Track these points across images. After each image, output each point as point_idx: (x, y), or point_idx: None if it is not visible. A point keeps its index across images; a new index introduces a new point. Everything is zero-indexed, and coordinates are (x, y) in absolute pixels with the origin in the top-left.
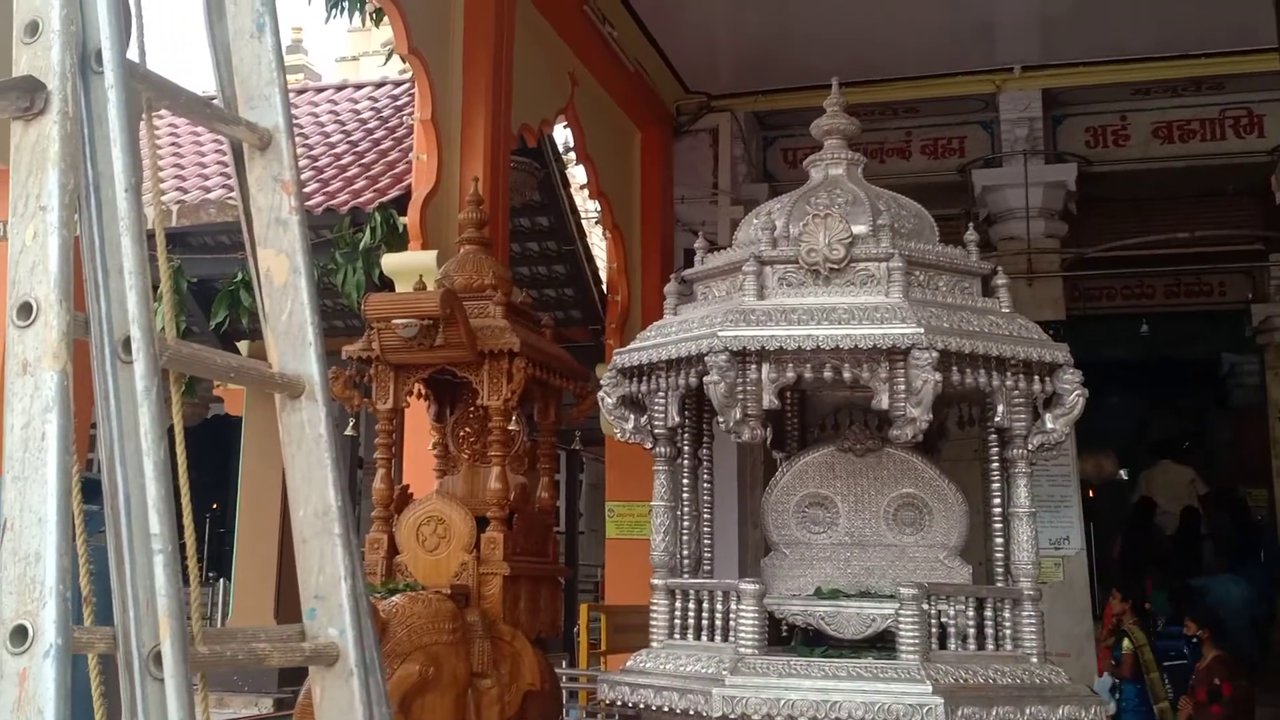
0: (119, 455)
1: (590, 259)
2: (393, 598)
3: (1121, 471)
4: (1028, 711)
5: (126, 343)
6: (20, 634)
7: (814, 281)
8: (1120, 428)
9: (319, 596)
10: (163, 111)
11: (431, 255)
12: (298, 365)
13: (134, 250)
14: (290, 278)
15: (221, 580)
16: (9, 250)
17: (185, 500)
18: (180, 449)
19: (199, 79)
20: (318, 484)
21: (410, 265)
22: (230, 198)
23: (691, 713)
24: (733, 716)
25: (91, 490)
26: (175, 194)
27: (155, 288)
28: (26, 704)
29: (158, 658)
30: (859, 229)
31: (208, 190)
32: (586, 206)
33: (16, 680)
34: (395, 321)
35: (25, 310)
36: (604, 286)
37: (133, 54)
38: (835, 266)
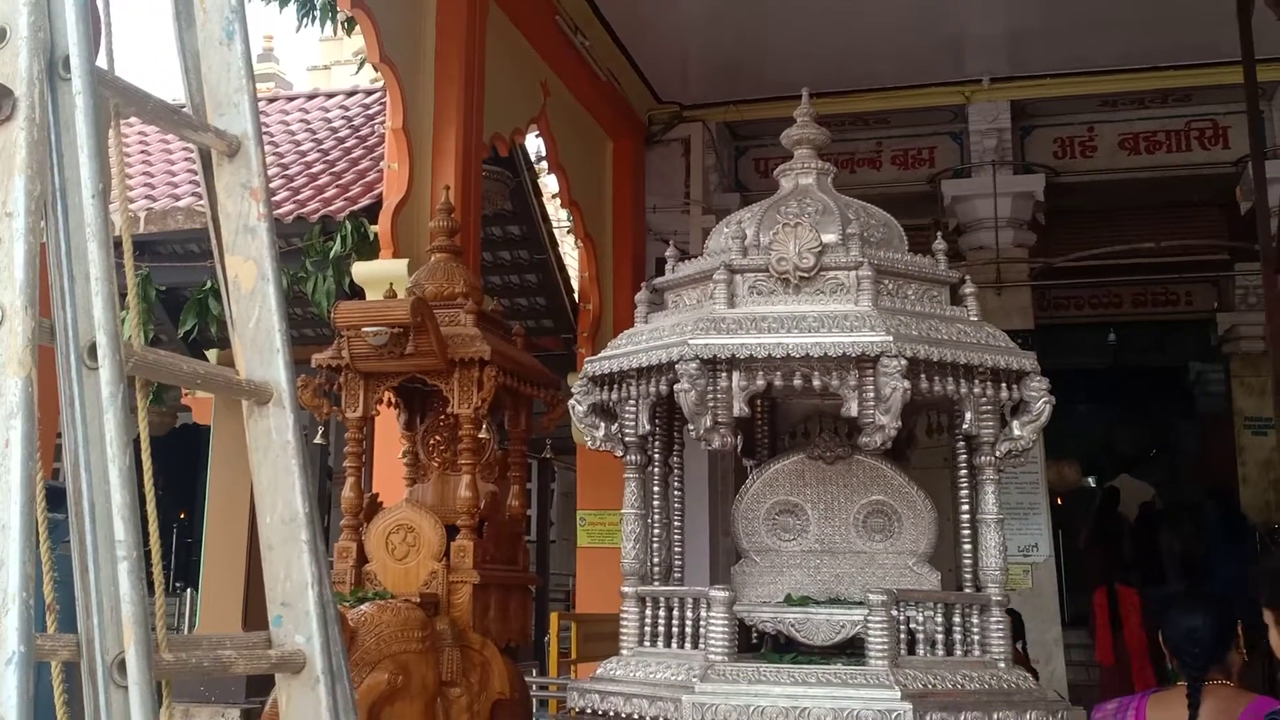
0: (84, 462)
1: (562, 268)
2: (361, 606)
3: (1089, 479)
4: (995, 716)
5: (92, 349)
6: None
7: (784, 290)
8: (1088, 436)
9: (285, 603)
10: (132, 119)
11: (402, 264)
12: (265, 372)
13: (100, 256)
14: (258, 284)
15: (189, 590)
16: None
17: (151, 508)
18: (146, 457)
19: (167, 87)
20: (284, 490)
21: (381, 274)
22: (199, 204)
23: None
24: None
25: (56, 499)
26: (144, 201)
27: (123, 296)
28: None
29: (121, 665)
30: (829, 238)
31: (177, 198)
32: (558, 215)
33: None
34: (365, 329)
35: None
36: (576, 295)
37: (101, 61)
38: (805, 275)
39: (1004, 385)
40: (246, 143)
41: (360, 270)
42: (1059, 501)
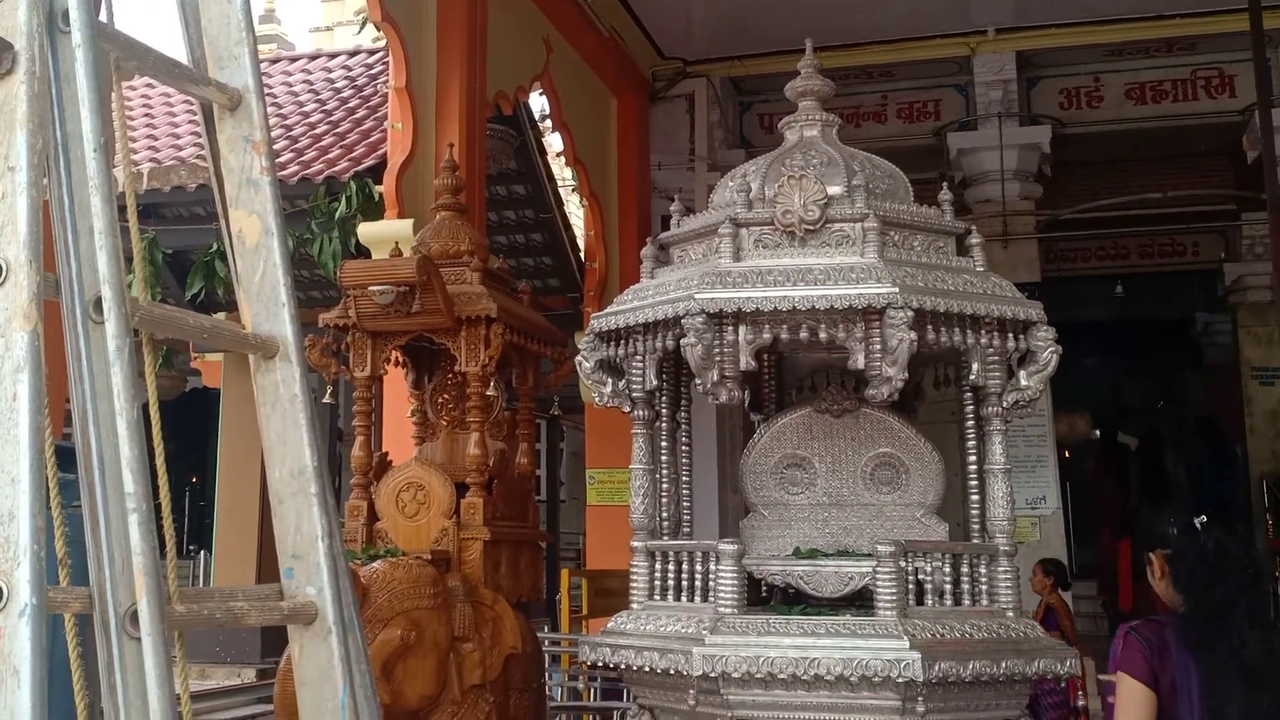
0: (92, 415)
1: (568, 227)
2: (373, 564)
3: (1096, 432)
4: (1003, 665)
5: (98, 303)
6: None
7: (790, 243)
8: (1095, 389)
9: (296, 556)
10: (135, 76)
11: (408, 224)
12: (271, 326)
13: (104, 210)
14: (262, 239)
15: (203, 553)
16: None
17: (160, 463)
18: (155, 415)
19: (168, 43)
20: (293, 444)
21: (386, 234)
22: (201, 158)
23: (672, 672)
24: (713, 674)
25: (67, 459)
26: (148, 154)
27: (129, 259)
28: (2, 664)
29: (134, 617)
30: (834, 190)
31: (179, 149)
32: (563, 174)
33: None
34: (371, 288)
35: None
36: (582, 254)
37: (101, 16)
38: (810, 227)
39: (1010, 335)
40: (248, 96)
41: (365, 231)
42: (1067, 455)
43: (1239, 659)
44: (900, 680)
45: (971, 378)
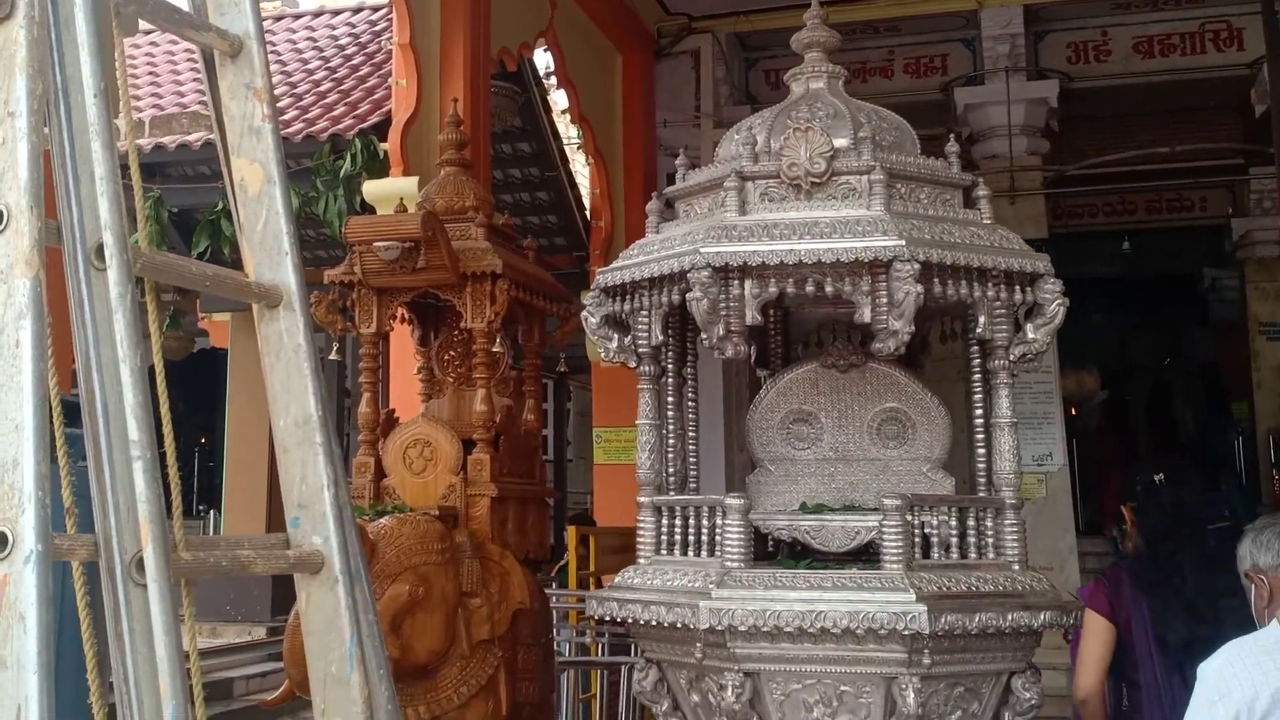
0: (95, 363)
1: (573, 185)
2: (381, 519)
3: (1104, 392)
4: (1009, 617)
5: (100, 249)
6: (0, 541)
7: (795, 196)
8: (1103, 345)
9: (302, 505)
10: (136, 26)
11: (412, 181)
12: (274, 275)
13: (104, 156)
14: (265, 187)
15: (212, 512)
16: None
17: (165, 413)
18: (159, 365)
19: None
20: (297, 393)
21: (391, 192)
22: (204, 104)
23: (679, 625)
24: (720, 628)
25: (74, 414)
26: (150, 99)
27: (133, 216)
28: (8, 610)
29: (139, 563)
30: (840, 142)
31: (182, 97)
32: (568, 132)
33: None
34: (376, 244)
35: None
36: (587, 213)
37: None
38: (816, 180)
39: (1017, 288)
40: (249, 42)
41: (370, 189)
42: (1073, 412)
43: (1183, 597)
44: (906, 632)
45: (978, 331)
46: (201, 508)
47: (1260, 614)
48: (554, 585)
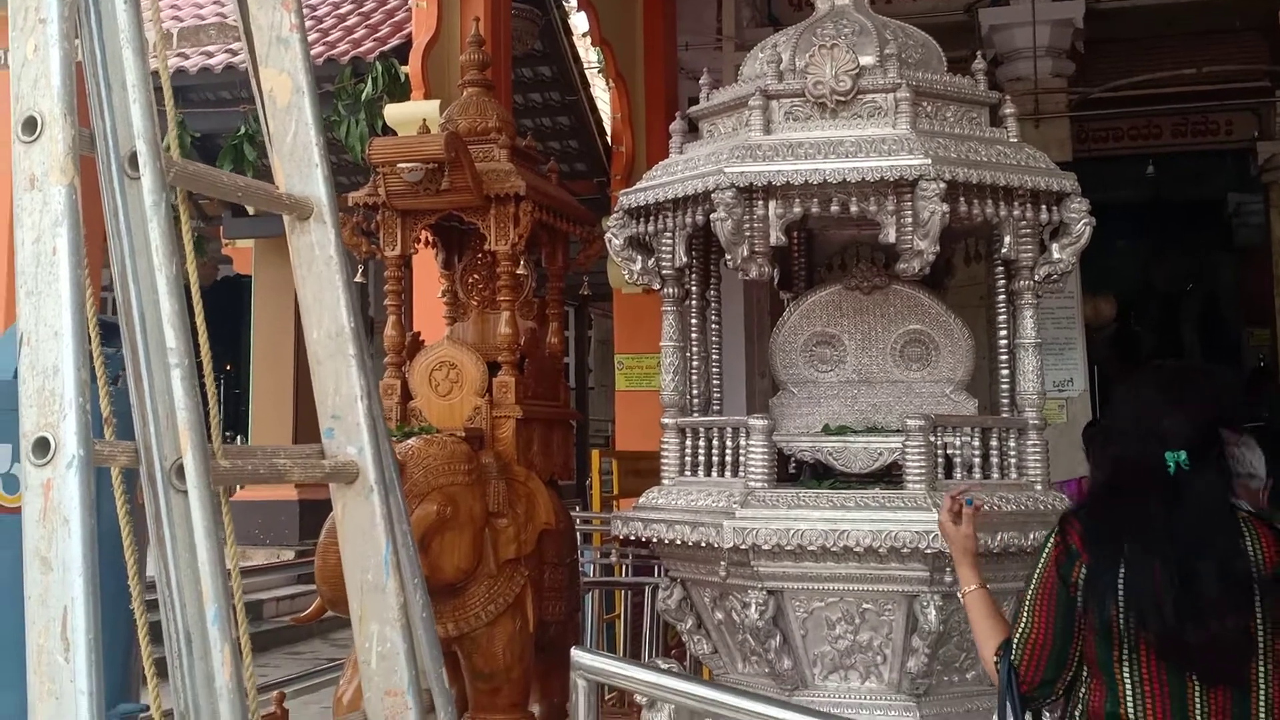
0: (131, 272)
1: (594, 109)
2: (408, 440)
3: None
4: (1031, 536)
5: (133, 158)
6: (42, 446)
7: (821, 115)
8: (1125, 271)
9: (336, 416)
10: None
11: (434, 105)
12: (304, 186)
13: (136, 63)
14: (293, 98)
15: (238, 438)
16: (10, 65)
17: (200, 324)
18: (193, 278)
19: None
20: (329, 305)
21: (413, 115)
22: (221, 14)
23: (703, 544)
24: (743, 547)
25: (111, 333)
26: (170, 13)
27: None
28: (52, 513)
29: (180, 470)
30: (866, 60)
31: (200, 7)
32: (589, 56)
33: (41, 491)
34: (400, 165)
35: (30, 125)
36: (608, 138)
37: None
38: (842, 99)
39: (1043, 207)
40: None
41: (392, 112)
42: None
43: None
44: (929, 551)
45: (1003, 251)
46: (228, 434)
47: None
48: (578, 508)
